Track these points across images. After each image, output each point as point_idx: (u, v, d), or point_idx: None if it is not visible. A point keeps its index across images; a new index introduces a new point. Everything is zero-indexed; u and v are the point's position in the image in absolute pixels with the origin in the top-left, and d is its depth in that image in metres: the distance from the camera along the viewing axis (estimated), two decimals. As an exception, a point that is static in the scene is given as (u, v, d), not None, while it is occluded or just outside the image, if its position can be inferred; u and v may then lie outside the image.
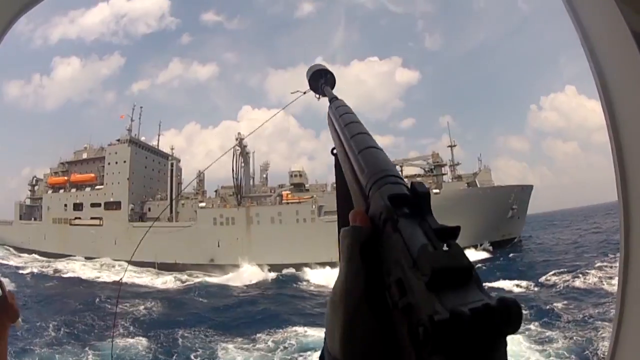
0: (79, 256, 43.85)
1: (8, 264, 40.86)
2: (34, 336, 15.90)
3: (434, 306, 0.31)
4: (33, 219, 53.52)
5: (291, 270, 33.92)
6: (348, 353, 0.38)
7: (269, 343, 15.37)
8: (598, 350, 12.87)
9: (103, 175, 47.01)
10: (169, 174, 43.26)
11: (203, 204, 40.78)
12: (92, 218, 46.67)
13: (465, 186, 40.12)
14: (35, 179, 58.37)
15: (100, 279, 34.00)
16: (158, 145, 50.45)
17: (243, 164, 40.85)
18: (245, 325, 18.39)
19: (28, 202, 56.55)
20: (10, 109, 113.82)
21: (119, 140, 46.73)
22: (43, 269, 38.17)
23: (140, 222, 43.66)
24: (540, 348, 14.11)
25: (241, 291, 29.00)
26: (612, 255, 26.37)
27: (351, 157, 0.59)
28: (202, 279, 33.81)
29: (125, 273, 34.73)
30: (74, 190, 49.55)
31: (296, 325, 16.95)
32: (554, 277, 23.69)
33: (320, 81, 0.96)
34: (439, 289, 0.32)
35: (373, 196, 0.47)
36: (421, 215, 0.41)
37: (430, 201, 0.43)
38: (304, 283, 30.19)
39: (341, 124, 0.68)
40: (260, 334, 16.28)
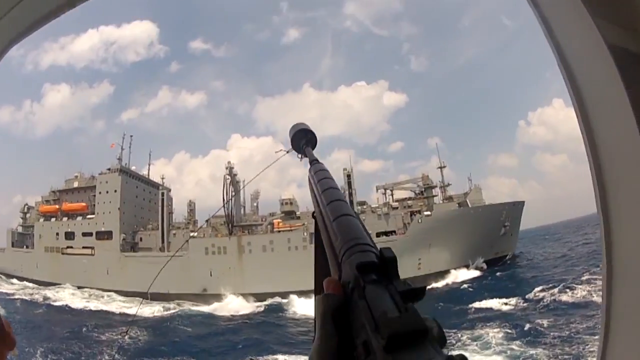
0: (70, 285, 43.49)
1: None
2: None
3: None
4: (25, 246, 53.17)
5: (277, 300, 33.75)
6: None
7: None
8: None
9: (94, 205, 46.77)
10: (160, 203, 43.08)
11: (194, 234, 40.62)
12: (84, 247, 46.38)
13: (456, 206, 40.21)
14: (26, 206, 58.05)
15: (88, 308, 34.06)
16: (148, 175, 50.45)
17: (234, 193, 40.82)
18: (226, 353, 18.80)
19: (20, 230, 56.19)
20: (1, 135, 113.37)
21: (109, 169, 46.60)
22: (32, 297, 38.16)
23: (132, 252, 43.42)
24: None
25: (227, 320, 29.07)
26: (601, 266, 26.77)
27: (327, 224, 0.61)
28: (188, 308, 34.02)
29: (139, 306, 34.36)
30: (65, 218, 49.30)
31: (277, 354, 17.26)
32: (541, 293, 23.88)
33: (302, 141, 0.96)
34: (396, 350, 0.35)
35: (344, 264, 0.50)
36: (389, 279, 0.45)
37: (397, 265, 0.46)
38: (290, 312, 30.22)
39: (319, 190, 0.70)
40: None
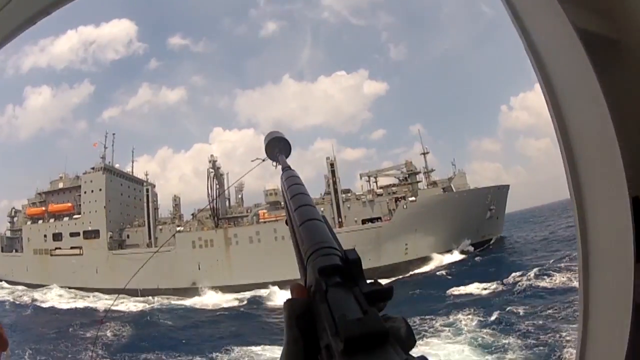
0: (57, 286, 43.45)
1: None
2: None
3: None
4: (14, 250, 52.91)
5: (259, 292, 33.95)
6: None
7: None
8: (561, 357, 12.17)
9: (80, 204, 46.54)
10: (145, 199, 42.95)
11: (181, 228, 40.59)
12: (72, 247, 46.25)
13: (441, 192, 40.42)
14: (14, 210, 57.68)
15: (74, 308, 34.14)
16: (132, 172, 50.16)
17: (218, 186, 40.79)
18: (205, 344, 18.96)
19: (8, 234, 55.86)
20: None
21: (93, 168, 46.32)
22: (21, 299, 38.26)
23: (120, 250, 43.34)
24: (494, 357, 13.41)
25: (208, 312, 29.29)
26: (573, 249, 26.77)
27: (295, 230, 0.62)
28: (169, 302, 34.41)
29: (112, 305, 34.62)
30: (52, 220, 49.05)
31: (252, 345, 17.32)
32: (520, 278, 23.59)
33: (275, 149, 1.00)
34: (353, 354, 0.35)
35: (308, 268, 0.51)
36: (353, 281, 0.45)
37: (362, 266, 0.47)
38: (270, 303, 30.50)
39: (289, 196, 0.73)
40: (217, 353, 16.86)
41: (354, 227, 38.20)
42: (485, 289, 23.75)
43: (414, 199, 38.97)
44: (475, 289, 24.08)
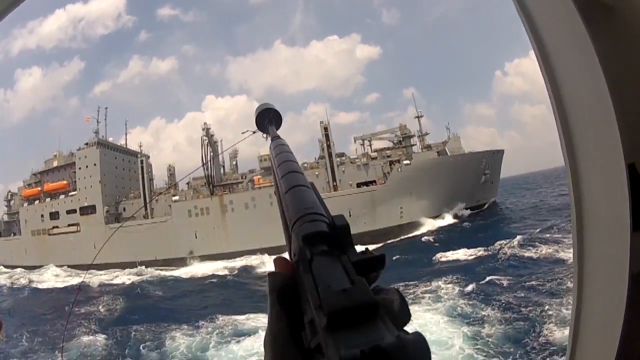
0: (54, 265, 43.50)
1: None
2: (10, 347, 16.31)
3: (328, 350, 0.30)
4: (12, 234, 52.85)
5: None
6: None
7: (209, 329, 16.01)
8: (541, 335, 11.11)
9: (75, 181, 46.46)
10: (140, 171, 42.92)
11: (176, 198, 40.62)
12: (69, 225, 46.22)
13: (435, 155, 40.48)
14: (10, 193, 57.51)
15: (70, 285, 34.09)
16: (126, 144, 50.01)
17: (212, 154, 40.77)
18: (192, 313, 19.11)
19: (6, 218, 55.77)
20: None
21: (87, 144, 46.12)
22: (19, 281, 38.16)
23: (117, 224, 43.37)
24: (470, 329, 12.41)
25: (198, 282, 29.48)
26: (566, 217, 26.23)
27: (281, 198, 0.58)
28: (158, 274, 34.56)
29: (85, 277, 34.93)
30: (48, 199, 48.95)
31: (236, 314, 17.26)
32: (506, 246, 22.45)
33: (265, 120, 0.98)
34: (339, 329, 0.31)
35: (293, 236, 0.46)
36: (341, 249, 0.41)
37: (350, 233, 0.42)
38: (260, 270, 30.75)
39: (276, 164, 0.70)
40: (203, 322, 16.90)
41: (349, 191, 38.31)
42: (471, 255, 23.08)
43: (408, 162, 39.01)
44: (462, 255, 23.45)
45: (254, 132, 1.09)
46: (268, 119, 0.98)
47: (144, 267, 36.78)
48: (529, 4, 1.14)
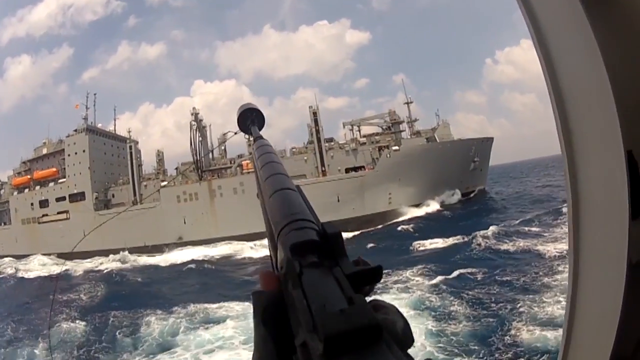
0: (41, 254, 43.39)
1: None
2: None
3: None
4: (3, 223, 52.64)
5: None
6: None
7: (181, 315, 16.11)
8: (508, 333, 10.66)
9: (65, 168, 46.27)
10: (129, 157, 42.78)
11: (165, 183, 40.54)
12: (59, 213, 46.06)
13: (424, 142, 40.49)
14: (0, 182, 57.24)
15: (55, 274, 33.93)
16: (115, 130, 49.83)
17: (201, 139, 40.67)
18: (168, 299, 19.36)
19: (-4, 208, 55.50)
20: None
21: (76, 130, 45.92)
22: (4, 271, 38.16)
23: (106, 210, 43.28)
24: (436, 325, 11.82)
25: (177, 268, 29.61)
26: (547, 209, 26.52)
27: (265, 203, 0.54)
28: (134, 260, 34.92)
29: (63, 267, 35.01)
30: (38, 187, 48.75)
31: (210, 302, 17.33)
32: (484, 237, 21.57)
33: (248, 121, 0.95)
34: (337, 356, 0.27)
35: (279, 246, 0.42)
36: (333, 260, 0.37)
37: (343, 241, 0.39)
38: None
39: (259, 166, 0.66)
40: (176, 307, 17.04)
41: (337, 176, 38.33)
42: (448, 245, 22.42)
43: (397, 148, 39.05)
44: (439, 244, 22.96)
45: (236, 133, 1.09)
46: (250, 119, 0.95)
47: (127, 254, 36.71)
48: None
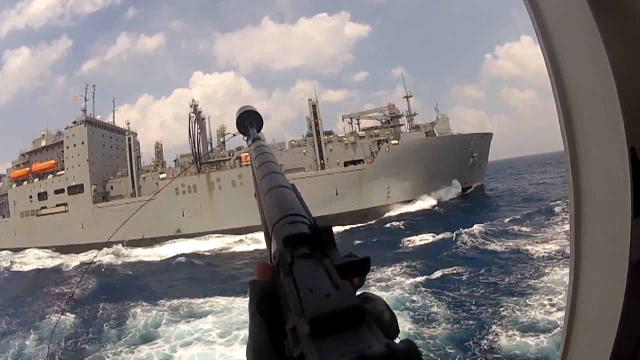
0: (37, 247, 43.39)
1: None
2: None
3: (311, 358, 0.29)
4: (2, 216, 52.55)
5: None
6: None
7: (165, 308, 16.37)
8: (486, 337, 10.34)
9: (64, 161, 46.20)
10: (128, 149, 42.70)
11: (164, 176, 40.48)
12: (58, 205, 45.96)
13: (424, 136, 40.45)
14: (-2, 176, 57.18)
15: (50, 267, 34.50)
16: (114, 122, 49.62)
17: (200, 131, 40.61)
18: (153, 292, 19.61)
19: (-5, 201, 55.40)
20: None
21: (75, 122, 45.79)
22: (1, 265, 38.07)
23: (105, 202, 43.25)
24: (414, 327, 11.48)
25: (169, 261, 29.76)
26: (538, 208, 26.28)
27: (262, 201, 0.57)
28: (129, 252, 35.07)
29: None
30: (37, 180, 48.65)
31: (195, 297, 17.46)
32: (472, 236, 21.08)
33: (247, 123, 0.97)
34: (322, 336, 0.29)
35: (273, 239, 0.45)
36: (323, 252, 0.40)
37: (333, 235, 0.41)
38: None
39: (256, 165, 0.68)
40: (163, 300, 17.25)
41: (336, 169, 38.29)
42: (435, 242, 22.02)
43: (396, 142, 38.97)
44: (428, 241, 22.59)
45: (234, 135, 1.11)
46: (249, 122, 0.97)
47: (121, 247, 36.72)
48: None
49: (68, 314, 17.05)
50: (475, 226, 22.45)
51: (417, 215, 33.43)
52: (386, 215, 35.35)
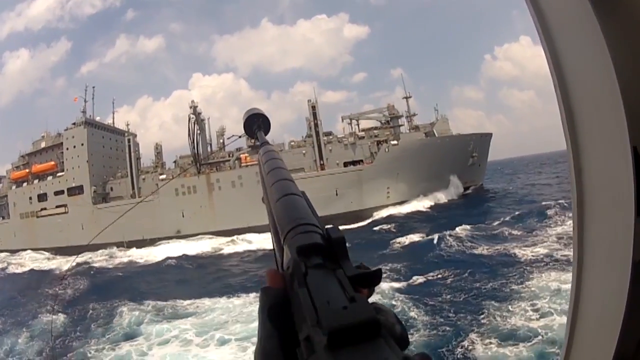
0: (47, 247, 43.38)
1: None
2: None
3: None
4: (1, 218, 52.49)
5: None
6: None
7: (149, 307, 16.48)
8: (461, 345, 10.01)
9: (63, 162, 46.19)
10: (127, 150, 42.71)
11: (163, 176, 40.49)
12: (57, 206, 45.93)
13: (423, 136, 40.48)
14: (-2, 177, 57.16)
15: (47, 268, 34.39)
16: (113, 123, 49.64)
17: (199, 132, 40.62)
18: (141, 292, 19.73)
19: (-6, 202, 55.34)
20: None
21: (74, 123, 45.78)
22: None
23: (104, 203, 43.23)
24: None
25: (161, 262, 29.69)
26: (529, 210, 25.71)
27: (272, 207, 0.56)
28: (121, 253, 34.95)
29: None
30: (36, 181, 48.64)
31: (183, 298, 17.53)
32: (454, 239, 20.61)
33: (254, 126, 0.96)
34: (339, 348, 0.29)
35: (285, 248, 0.45)
36: (336, 262, 0.39)
37: (346, 245, 0.41)
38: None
39: (265, 171, 0.68)
40: (148, 300, 17.42)
41: (336, 170, 38.30)
42: (423, 244, 21.52)
43: (396, 142, 38.99)
44: (415, 243, 22.27)
45: (240, 137, 1.10)
46: (257, 125, 0.96)
47: (115, 250, 36.66)
48: None
49: (59, 314, 17.24)
50: (453, 229, 22.04)
51: (417, 215, 33.45)
52: (378, 216, 35.32)
